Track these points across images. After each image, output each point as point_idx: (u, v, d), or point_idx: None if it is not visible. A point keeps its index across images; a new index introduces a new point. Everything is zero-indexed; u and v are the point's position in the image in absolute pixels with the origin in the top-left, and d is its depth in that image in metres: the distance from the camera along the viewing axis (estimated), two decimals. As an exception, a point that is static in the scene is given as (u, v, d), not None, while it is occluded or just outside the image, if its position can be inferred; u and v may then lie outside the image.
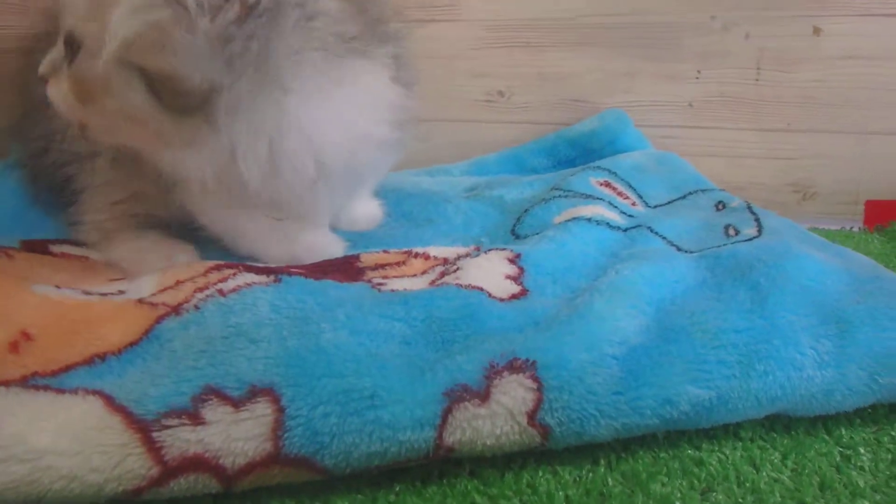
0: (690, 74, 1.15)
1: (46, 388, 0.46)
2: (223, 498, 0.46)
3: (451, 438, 0.47)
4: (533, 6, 1.17)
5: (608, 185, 0.94)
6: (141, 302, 0.57)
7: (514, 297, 0.61)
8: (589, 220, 0.78)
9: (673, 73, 1.15)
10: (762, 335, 0.54)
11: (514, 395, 0.48)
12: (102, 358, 0.50)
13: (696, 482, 0.48)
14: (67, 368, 0.49)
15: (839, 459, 0.51)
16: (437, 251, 0.74)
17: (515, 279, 0.64)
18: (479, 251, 0.72)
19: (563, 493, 0.47)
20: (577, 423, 0.48)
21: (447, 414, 0.47)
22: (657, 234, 0.78)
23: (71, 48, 0.60)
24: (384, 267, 0.70)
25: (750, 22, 1.10)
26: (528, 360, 0.49)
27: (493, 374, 0.49)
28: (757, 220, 0.79)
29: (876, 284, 0.62)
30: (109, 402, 0.45)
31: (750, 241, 0.72)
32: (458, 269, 0.66)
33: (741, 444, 0.52)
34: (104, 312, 0.55)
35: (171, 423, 0.44)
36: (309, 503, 0.47)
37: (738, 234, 0.76)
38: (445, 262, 0.71)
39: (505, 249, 0.69)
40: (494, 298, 0.59)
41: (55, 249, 0.74)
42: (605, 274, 0.64)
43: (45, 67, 0.63)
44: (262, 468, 0.45)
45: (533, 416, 0.48)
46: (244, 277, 0.59)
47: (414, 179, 1.04)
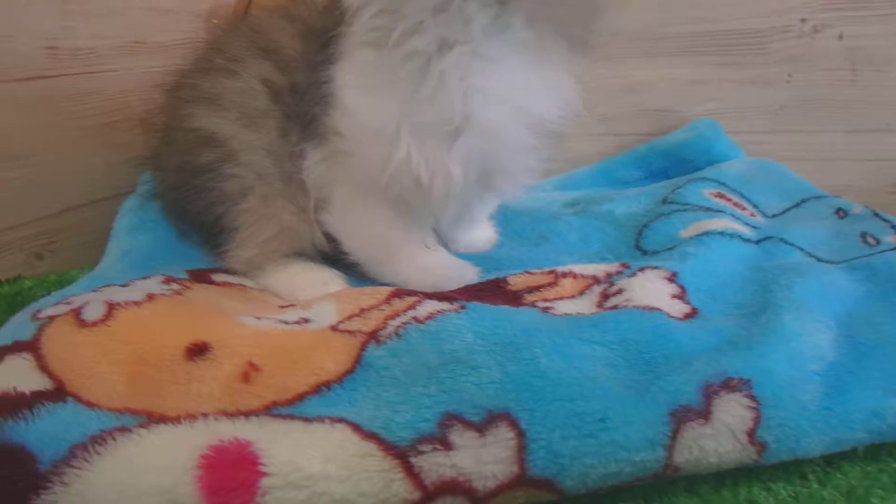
0: (780, 78, 1.16)
1: (292, 416, 0.49)
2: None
3: (679, 458, 0.49)
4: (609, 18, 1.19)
5: (722, 196, 0.96)
6: (335, 330, 0.60)
7: (687, 315, 0.63)
8: (721, 233, 0.79)
9: (761, 77, 1.17)
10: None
11: (734, 413, 0.50)
12: (328, 387, 0.52)
13: (911, 494, 0.50)
14: (300, 397, 0.51)
15: None
16: (580, 269, 0.75)
17: (681, 298, 0.66)
18: (628, 268, 0.73)
19: (784, 507, 0.49)
20: (792, 439, 0.50)
21: (676, 434, 0.49)
22: (792, 244, 0.79)
23: None
24: (538, 289, 0.72)
25: (842, 22, 1.11)
26: (741, 378, 0.51)
27: (711, 393, 0.51)
28: (893, 227, 0.81)
29: None
30: (357, 429, 0.47)
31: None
32: (620, 289, 0.68)
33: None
34: (311, 341, 0.57)
35: (425, 448, 0.46)
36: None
37: (878, 242, 0.78)
38: (596, 280, 0.73)
39: (659, 269, 0.71)
40: (674, 318, 0.61)
41: (216, 279, 0.76)
42: (767, 289, 0.66)
43: None
44: (508, 490, 0.47)
45: (752, 433, 0.50)
46: (432, 305, 0.61)
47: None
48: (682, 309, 0.64)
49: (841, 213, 0.91)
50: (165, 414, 0.50)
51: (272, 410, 0.50)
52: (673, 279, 0.69)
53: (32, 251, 0.92)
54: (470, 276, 0.78)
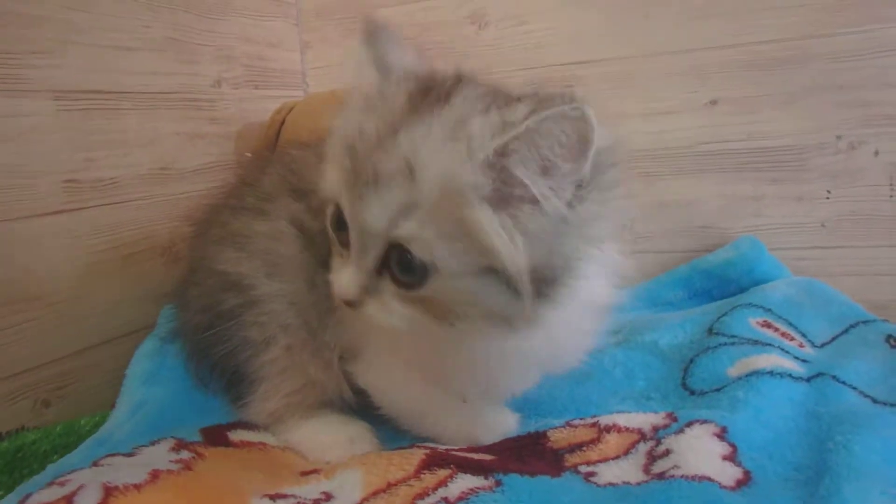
0: (820, 194, 1.14)
1: None
2: None
3: None
4: (646, 137, 1.19)
5: (768, 325, 0.93)
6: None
7: (739, 482, 0.60)
8: (770, 373, 0.76)
9: (801, 193, 1.15)
10: None
11: None
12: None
13: None
14: None
15: None
16: (625, 420, 0.73)
17: (732, 460, 0.63)
18: (675, 421, 0.70)
19: None
20: None
21: None
22: (844, 383, 0.76)
23: (398, 265, 0.57)
24: (581, 448, 0.69)
25: (878, 139, 1.10)
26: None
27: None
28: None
29: None
30: None
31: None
32: (667, 450, 0.65)
33: None
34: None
35: None
36: None
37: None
38: (642, 435, 0.70)
39: (708, 423, 0.68)
40: (725, 488, 0.58)
41: (234, 437, 0.75)
42: (824, 445, 0.62)
43: (352, 292, 0.59)
44: None
45: None
46: (464, 481, 0.59)
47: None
48: (733, 474, 0.61)
49: (892, 340, 0.87)
50: None
51: None
52: (723, 435, 0.66)
53: (40, 398, 0.88)
54: (509, 426, 0.75)
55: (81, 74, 0.94)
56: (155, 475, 0.60)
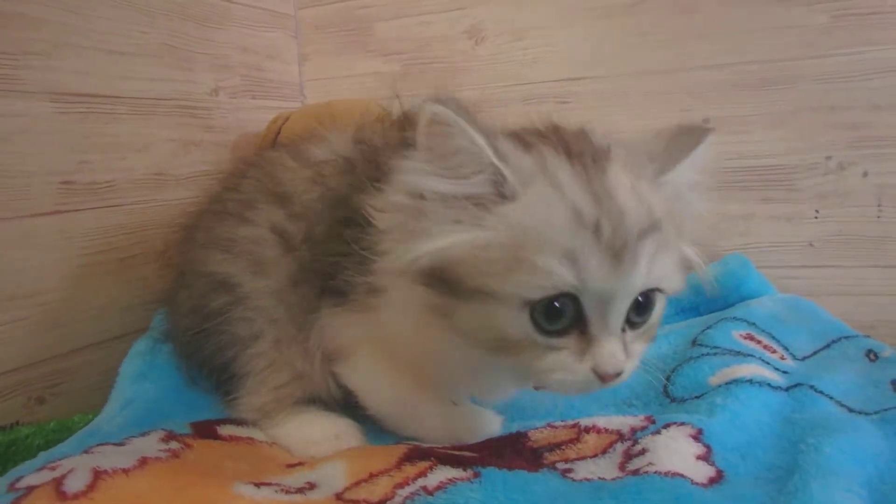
0: (808, 214, 1.15)
1: None
2: None
3: None
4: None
5: (751, 337, 0.94)
6: (340, 499, 0.58)
7: (712, 480, 0.61)
8: (750, 381, 0.77)
9: (790, 213, 1.16)
10: None
11: None
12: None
13: None
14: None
15: None
16: (605, 422, 0.74)
17: (706, 459, 0.64)
18: (653, 423, 0.71)
19: None
20: None
21: None
22: (822, 392, 0.77)
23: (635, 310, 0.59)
24: (560, 447, 0.70)
25: (866, 161, 1.11)
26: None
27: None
28: (925, 373, 0.78)
29: None
30: None
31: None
32: (643, 449, 0.66)
33: None
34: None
35: None
36: None
37: (909, 391, 0.75)
38: (620, 436, 0.71)
39: (685, 425, 0.69)
40: (697, 485, 0.59)
41: (223, 432, 0.75)
42: (796, 447, 0.63)
43: (623, 364, 0.58)
44: None
45: None
46: (444, 472, 0.60)
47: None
48: (706, 472, 0.62)
49: (872, 355, 0.88)
50: None
51: None
52: (699, 437, 0.67)
53: (34, 395, 0.89)
54: (492, 428, 0.76)
55: (78, 77, 0.95)
56: (143, 461, 0.61)
